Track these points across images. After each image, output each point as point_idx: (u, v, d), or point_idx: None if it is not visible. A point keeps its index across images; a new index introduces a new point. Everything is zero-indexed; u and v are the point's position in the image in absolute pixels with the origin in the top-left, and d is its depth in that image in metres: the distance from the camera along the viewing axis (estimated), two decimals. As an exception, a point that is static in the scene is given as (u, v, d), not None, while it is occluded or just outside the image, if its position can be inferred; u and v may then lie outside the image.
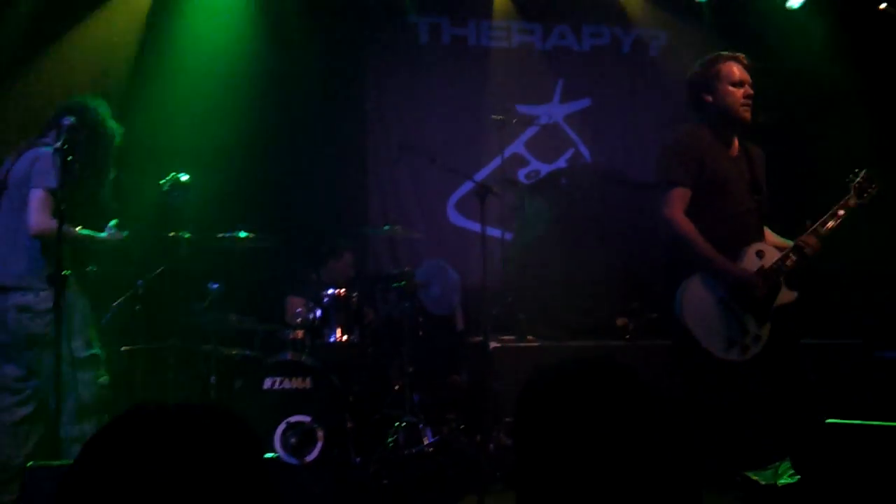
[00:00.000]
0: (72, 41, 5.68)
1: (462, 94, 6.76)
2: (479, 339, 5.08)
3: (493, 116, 6.09)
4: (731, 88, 3.41)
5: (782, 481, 4.01)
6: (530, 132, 6.91)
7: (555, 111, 6.99)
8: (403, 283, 4.97)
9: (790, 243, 3.43)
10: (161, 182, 4.18)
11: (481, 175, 6.46)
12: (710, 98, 3.46)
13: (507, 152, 6.53)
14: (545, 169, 6.86)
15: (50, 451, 3.48)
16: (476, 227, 5.68)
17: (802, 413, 3.36)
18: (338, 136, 6.47)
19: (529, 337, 5.51)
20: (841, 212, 3.45)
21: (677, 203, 3.32)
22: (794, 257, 3.36)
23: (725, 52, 3.50)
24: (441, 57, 6.89)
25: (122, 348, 4.49)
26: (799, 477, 3.88)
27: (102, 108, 3.86)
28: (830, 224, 3.42)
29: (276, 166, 6.22)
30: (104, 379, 3.68)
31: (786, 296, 3.38)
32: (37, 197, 3.52)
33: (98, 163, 3.80)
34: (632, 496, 1.13)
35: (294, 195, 6.21)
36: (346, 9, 6.65)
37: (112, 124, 3.88)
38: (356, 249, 5.44)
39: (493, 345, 4.97)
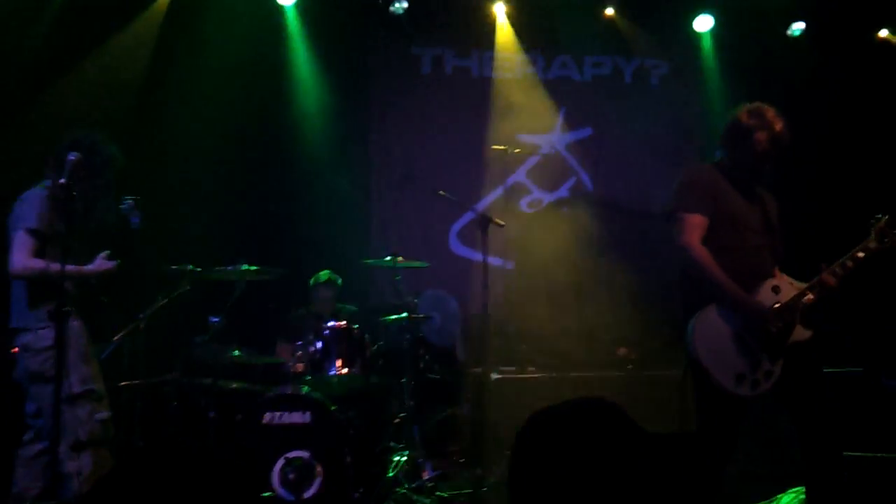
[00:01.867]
0: (83, 68, 5.78)
1: (464, 124, 6.81)
2: (480, 370, 5.07)
3: (495, 146, 6.15)
4: (748, 158, 3.43)
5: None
6: (532, 161, 6.94)
7: (557, 140, 7.03)
8: (405, 314, 4.98)
9: (803, 285, 3.39)
10: (120, 206, 3.99)
11: (483, 204, 6.50)
12: (732, 149, 3.48)
13: (510, 181, 6.57)
14: (547, 198, 6.89)
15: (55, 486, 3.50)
16: (478, 256, 5.70)
17: (824, 448, 3.31)
18: (341, 167, 6.52)
19: (530, 368, 5.50)
20: (860, 254, 3.40)
21: (694, 230, 3.31)
22: (810, 295, 3.33)
23: (769, 115, 3.44)
24: (444, 87, 6.96)
25: (122, 383, 4.50)
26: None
27: (103, 137, 3.90)
28: (849, 265, 3.37)
29: (279, 197, 6.27)
30: (103, 414, 3.68)
31: (800, 333, 3.33)
32: (15, 238, 3.58)
33: (108, 191, 3.85)
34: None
35: (296, 226, 6.25)
36: (350, 40, 6.73)
37: (114, 150, 3.91)
38: (329, 285, 5.50)
39: (494, 376, 4.96)
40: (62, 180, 3.46)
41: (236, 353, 4.69)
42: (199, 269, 4.65)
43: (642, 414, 2.70)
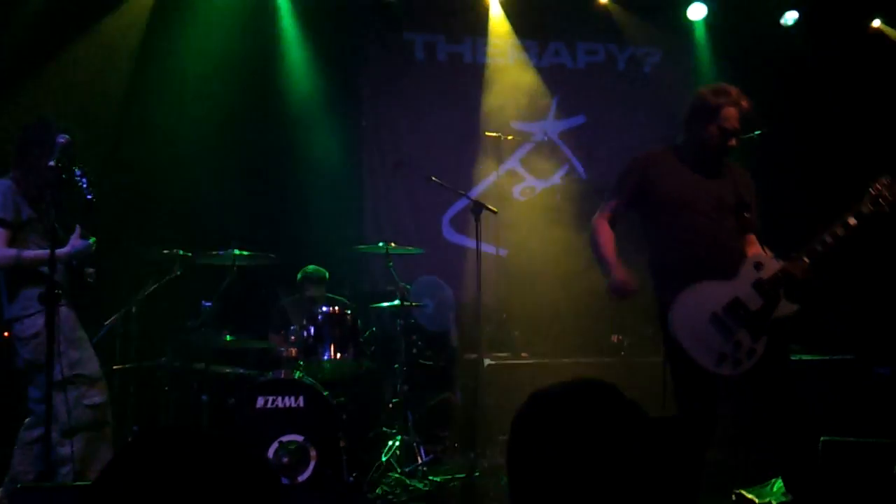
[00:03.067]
0: (71, 54, 5.70)
1: (457, 111, 6.78)
2: (474, 356, 5.07)
3: (488, 133, 6.13)
4: (718, 136, 3.42)
5: (777, 499, 3.99)
6: (525, 149, 6.93)
7: (550, 128, 7.02)
8: (398, 300, 4.96)
9: (781, 262, 3.37)
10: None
11: (476, 192, 6.48)
12: (696, 129, 3.48)
13: (503, 169, 6.55)
14: (540, 185, 6.87)
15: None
16: (471, 243, 5.68)
17: (796, 430, 3.32)
18: (333, 153, 6.49)
19: (524, 354, 5.50)
20: (852, 220, 3.31)
21: (605, 210, 3.53)
22: (794, 271, 3.29)
23: (734, 92, 3.44)
24: (437, 74, 6.92)
25: (115, 367, 4.47)
26: (791, 497, 3.86)
27: (54, 118, 3.77)
28: (840, 232, 3.31)
29: (272, 183, 6.23)
30: (94, 399, 3.66)
31: (785, 308, 3.30)
32: None
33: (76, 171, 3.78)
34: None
35: (289, 212, 6.22)
36: (343, 26, 6.68)
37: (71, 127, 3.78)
38: (316, 280, 5.47)
39: (487, 362, 4.96)
40: (51, 163, 3.41)
41: (228, 337, 4.66)
42: (190, 254, 4.62)
43: (636, 400, 2.76)
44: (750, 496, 4.09)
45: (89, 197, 3.63)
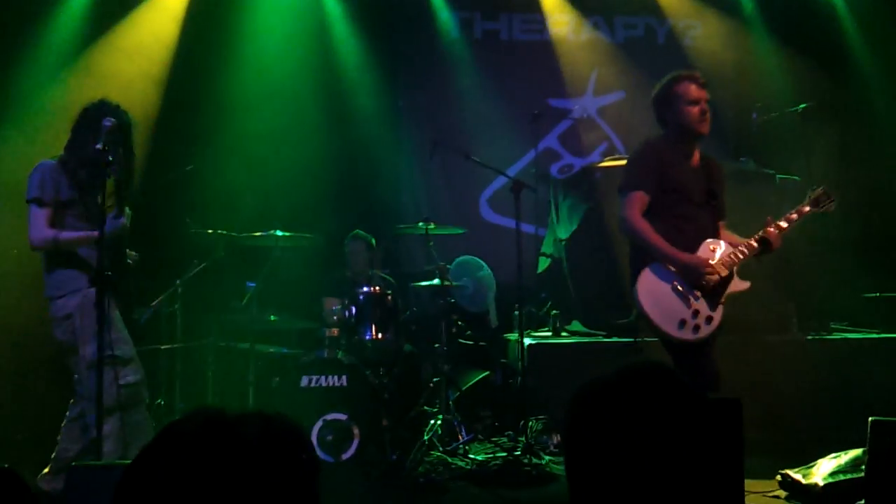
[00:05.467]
0: (115, 41, 5.76)
1: (494, 88, 6.73)
2: (514, 335, 5.07)
3: (528, 111, 6.06)
4: (687, 108, 3.65)
5: (824, 480, 3.95)
6: (563, 126, 6.85)
7: (588, 104, 6.93)
8: (437, 280, 4.97)
9: (743, 241, 3.67)
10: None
11: (514, 170, 6.44)
12: (670, 116, 3.71)
13: (541, 147, 6.50)
14: (579, 163, 6.80)
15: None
16: (509, 222, 5.66)
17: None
18: (371, 134, 6.49)
19: (564, 333, 5.48)
20: (794, 215, 3.69)
21: (635, 205, 3.64)
22: (745, 251, 3.59)
23: (683, 72, 3.73)
24: (473, 51, 6.86)
25: (162, 347, 4.55)
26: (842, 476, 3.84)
27: (116, 104, 3.77)
28: (784, 225, 3.66)
29: (311, 165, 6.25)
30: (130, 378, 3.63)
31: (738, 285, 3.61)
32: (29, 213, 3.55)
33: (130, 156, 3.78)
34: (677, 493, 1.15)
35: (328, 193, 6.24)
36: (379, 3, 6.65)
37: (130, 117, 3.80)
38: (360, 240, 5.47)
39: (527, 341, 4.95)
40: (98, 145, 3.44)
41: (273, 317, 4.72)
42: (233, 235, 4.68)
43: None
44: (795, 476, 4.06)
45: (114, 175, 3.59)
